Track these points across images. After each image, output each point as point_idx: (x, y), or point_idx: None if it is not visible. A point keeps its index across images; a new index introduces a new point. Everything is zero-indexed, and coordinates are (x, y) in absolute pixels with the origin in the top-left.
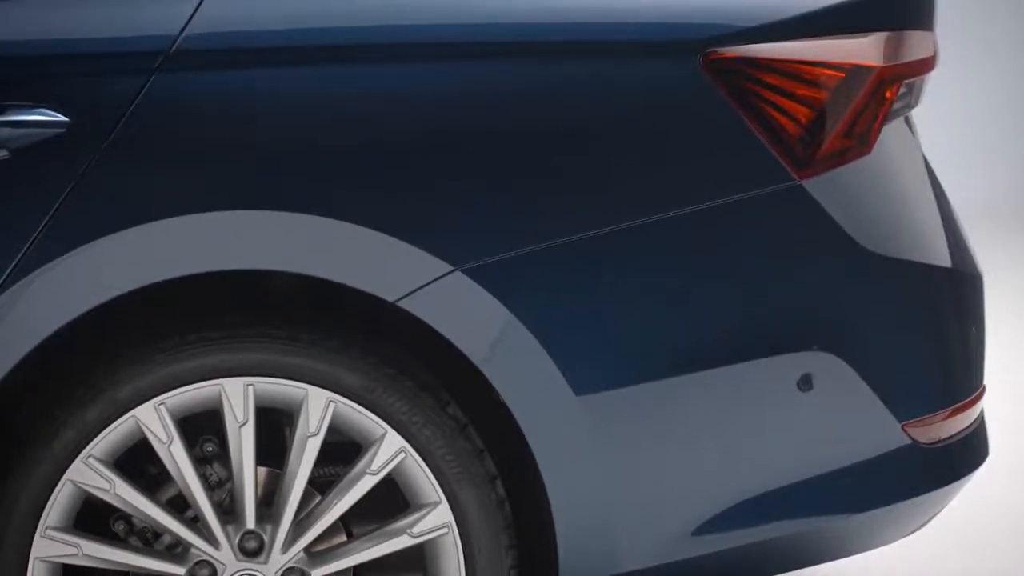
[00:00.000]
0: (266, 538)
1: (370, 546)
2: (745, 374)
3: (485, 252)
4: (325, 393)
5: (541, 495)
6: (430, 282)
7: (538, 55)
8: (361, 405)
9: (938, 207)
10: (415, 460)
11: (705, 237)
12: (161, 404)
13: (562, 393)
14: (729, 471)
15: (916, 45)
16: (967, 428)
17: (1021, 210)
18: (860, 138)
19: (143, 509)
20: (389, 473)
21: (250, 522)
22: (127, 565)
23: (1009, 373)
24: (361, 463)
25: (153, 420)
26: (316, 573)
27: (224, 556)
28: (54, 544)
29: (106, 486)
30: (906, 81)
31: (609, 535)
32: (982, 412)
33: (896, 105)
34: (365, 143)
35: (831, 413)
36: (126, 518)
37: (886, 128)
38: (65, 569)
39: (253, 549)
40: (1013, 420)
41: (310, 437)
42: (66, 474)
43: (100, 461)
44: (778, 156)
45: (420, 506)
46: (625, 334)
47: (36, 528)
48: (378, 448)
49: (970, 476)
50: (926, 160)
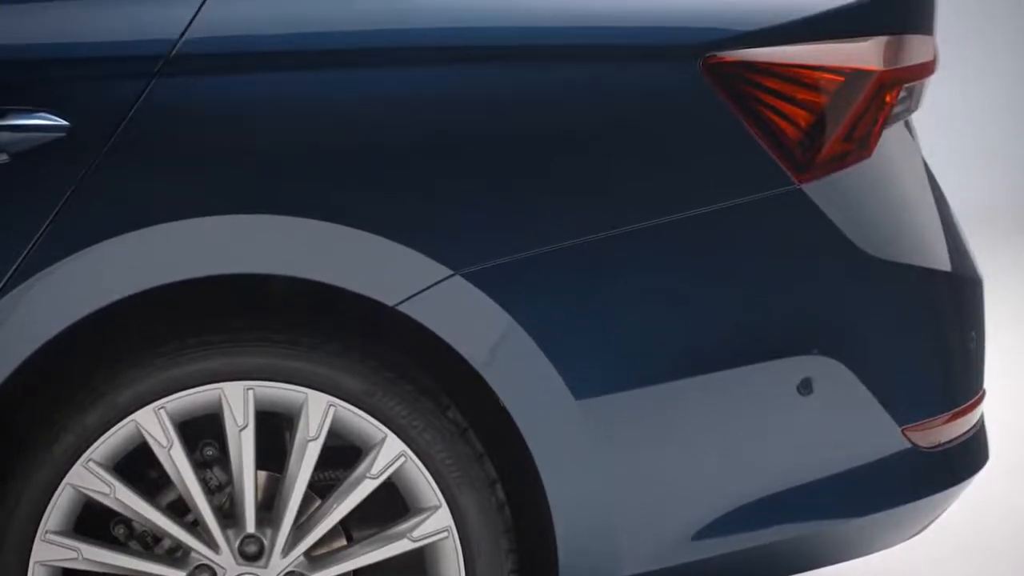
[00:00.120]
0: (266, 542)
1: (370, 550)
2: (745, 378)
3: (485, 256)
4: (325, 397)
5: (541, 499)
6: (430, 286)
7: (538, 59)
8: (361, 409)
9: (938, 211)
10: (415, 464)
11: (705, 241)
12: (161, 408)
13: (562, 397)
14: (729, 475)
15: (916, 49)
16: (967, 432)
17: (1021, 214)
18: (860, 142)
19: (143, 513)
20: (389, 477)
21: (250, 526)
22: (127, 569)
23: (1009, 377)
24: (361, 467)
25: (153, 424)
26: None
27: (224, 560)
28: (54, 548)
29: (106, 490)
30: (906, 85)
31: (609, 539)
32: (982, 416)
33: (896, 109)
34: (365, 147)
35: (831, 417)
36: (126, 522)
37: (886, 132)
38: (65, 573)
39: (253, 553)
40: (1013, 424)
41: (310, 441)
42: (66, 478)
43: (100, 465)
44: (778, 160)
45: (420, 510)
46: (625, 338)
47: (36, 532)
48: (378, 452)
49: (970, 480)
50: (926, 164)
